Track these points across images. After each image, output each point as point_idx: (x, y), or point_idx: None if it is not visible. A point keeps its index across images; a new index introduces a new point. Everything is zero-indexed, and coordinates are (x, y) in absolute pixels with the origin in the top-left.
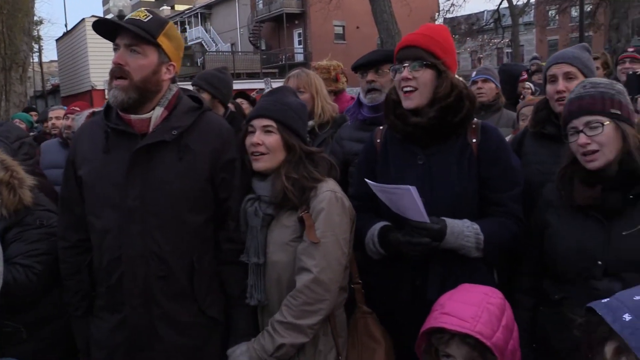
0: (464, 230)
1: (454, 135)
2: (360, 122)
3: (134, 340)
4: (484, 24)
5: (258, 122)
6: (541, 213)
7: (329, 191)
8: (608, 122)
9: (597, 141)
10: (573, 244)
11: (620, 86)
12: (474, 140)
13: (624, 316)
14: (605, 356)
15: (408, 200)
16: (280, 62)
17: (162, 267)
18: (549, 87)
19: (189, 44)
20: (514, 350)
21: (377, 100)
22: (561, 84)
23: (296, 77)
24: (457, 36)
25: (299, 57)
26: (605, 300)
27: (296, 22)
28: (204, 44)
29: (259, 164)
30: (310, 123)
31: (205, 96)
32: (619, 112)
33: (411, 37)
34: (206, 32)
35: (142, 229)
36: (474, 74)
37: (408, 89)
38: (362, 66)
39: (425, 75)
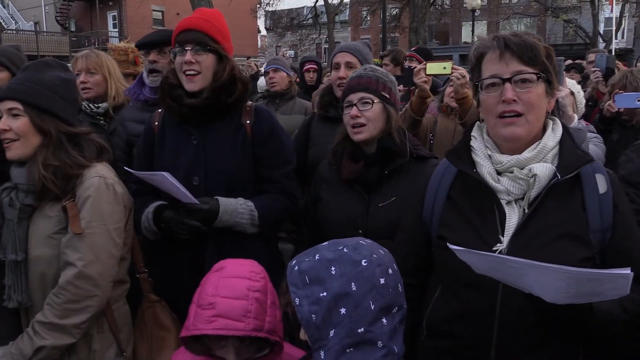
0: (237, 208)
1: (228, 116)
2: (142, 102)
3: None
4: (303, 19)
5: (3, 106)
6: (315, 188)
7: (97, 177)
8: (378, 101)
9: (366, 116)
10: (340, 214)
11: (393, 77)
12: (248, 122)
13: (293, 261)
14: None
15: (170, 185)
16: (92, 46)
17: None
18: (333, 74)
19: None
20: (280, 320)
21: (158, 83)
22: (342, 71)
23: (85, 58)
24: (279, 29)
25: (115, 42)
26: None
27: (110, 3)
28: (2, 21)
29: (10, 153)
30: (104, 105)
31: (4, 75)
32: (387, 96)
33: (193, 21)
34: (4, 7)
35: None
36: (264, 65)
37: (191, 72)
38: (145, 45)
39: (208, 60)
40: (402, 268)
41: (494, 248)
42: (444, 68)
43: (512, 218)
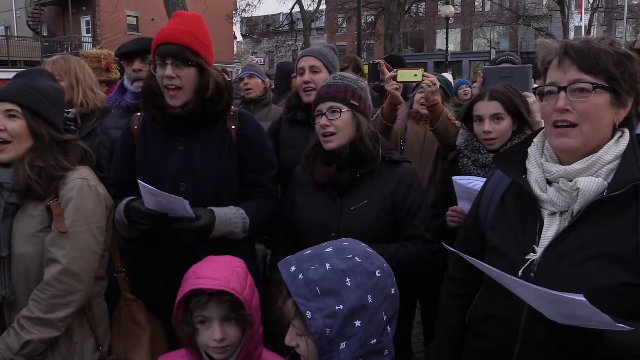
0: (231, 217)
1: (214, 123)
2: (124, 109)
3: None
4: (279, 25)
5: (1, 106)
6: (291, 191)
7: (80, 179)
8: (346, 110)
9: (335, 124)
10: (314, 218)
11: (364, 84)
12: (233, 127)
13: (291, 268)
14: (285, 301)
15: (179, 206)
16: (65, 51)
17: None
18: (298, 79)
19: None
20: (257, 307)
21: None
22: (306, 75)
23: (52, 63)
24: (255, 36)
25: (88, 47)
26: (286, 258)
27: (83, 8)
28: None
29: (1, 155)
30: (74, 111)
31: None
32: (356, 104)
33: (173, 34)
34: None
35: None
36: (239, 71)
37: (172, 86)
38: (128, 54)
39: (189, 74)
40: (458, 265)
41: (526, 257)
42: (415, 75)
43: (550, 229)
